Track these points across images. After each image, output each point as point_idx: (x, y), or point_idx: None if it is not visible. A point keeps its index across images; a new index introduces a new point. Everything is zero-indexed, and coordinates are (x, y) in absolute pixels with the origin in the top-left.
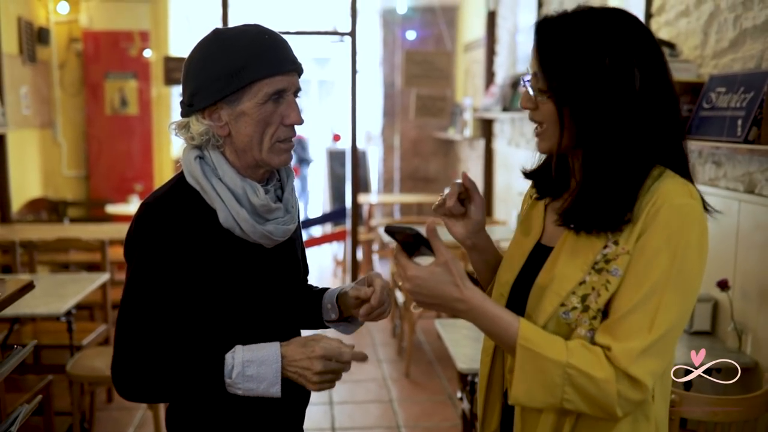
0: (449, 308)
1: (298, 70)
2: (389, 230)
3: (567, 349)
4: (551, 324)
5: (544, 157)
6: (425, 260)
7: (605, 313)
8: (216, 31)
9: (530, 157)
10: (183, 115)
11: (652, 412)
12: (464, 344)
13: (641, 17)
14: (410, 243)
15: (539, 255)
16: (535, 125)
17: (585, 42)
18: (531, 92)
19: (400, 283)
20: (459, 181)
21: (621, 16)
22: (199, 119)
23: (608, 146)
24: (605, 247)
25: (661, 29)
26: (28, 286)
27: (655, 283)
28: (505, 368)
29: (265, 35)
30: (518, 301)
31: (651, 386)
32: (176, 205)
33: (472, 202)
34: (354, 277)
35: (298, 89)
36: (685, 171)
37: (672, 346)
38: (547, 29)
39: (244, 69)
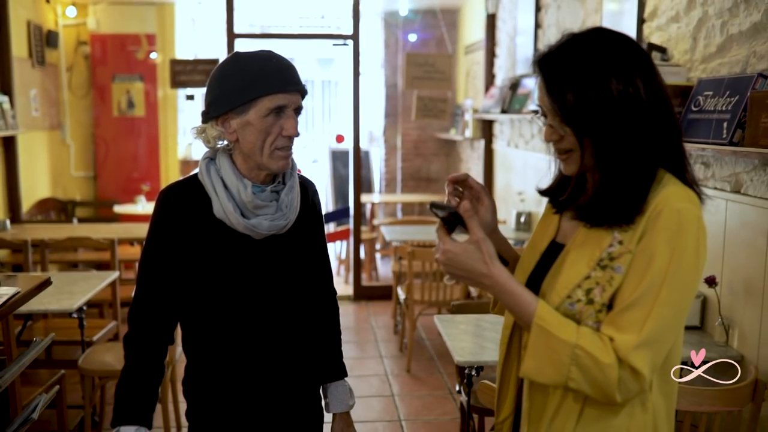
0: (476, 282)
1: (300, 91)
2: (434, 206)
3: (578, 332)
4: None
5: (557, 174)
6: (462, 237)
7: (610, 306)
8: (234, 54)
9: (528, 157)
10: (203, 122)
11: (649, 402)
12: (462, 338)
13: (634, 22)
14: (451, 221)
15: (553, 252)
16: (553, 147)
17: (588, 72)
18: (552, 126)
19: (437, 256)
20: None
21: (609, 35)
22: (214, 126)
23: (625, 158)
24: (610, 245)
25: (653, 34)
26: (46, 283)
27: (653, 281)
28: (520, 353)
29: (273, 59)
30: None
31: (649, 377)
32: (184, 193)
33: (481, 204)
34: (357, 276)
35: (299, 107)
36: (683, 170)
37: (667, 340)
38: (550, 67)
39: (252, 86)
